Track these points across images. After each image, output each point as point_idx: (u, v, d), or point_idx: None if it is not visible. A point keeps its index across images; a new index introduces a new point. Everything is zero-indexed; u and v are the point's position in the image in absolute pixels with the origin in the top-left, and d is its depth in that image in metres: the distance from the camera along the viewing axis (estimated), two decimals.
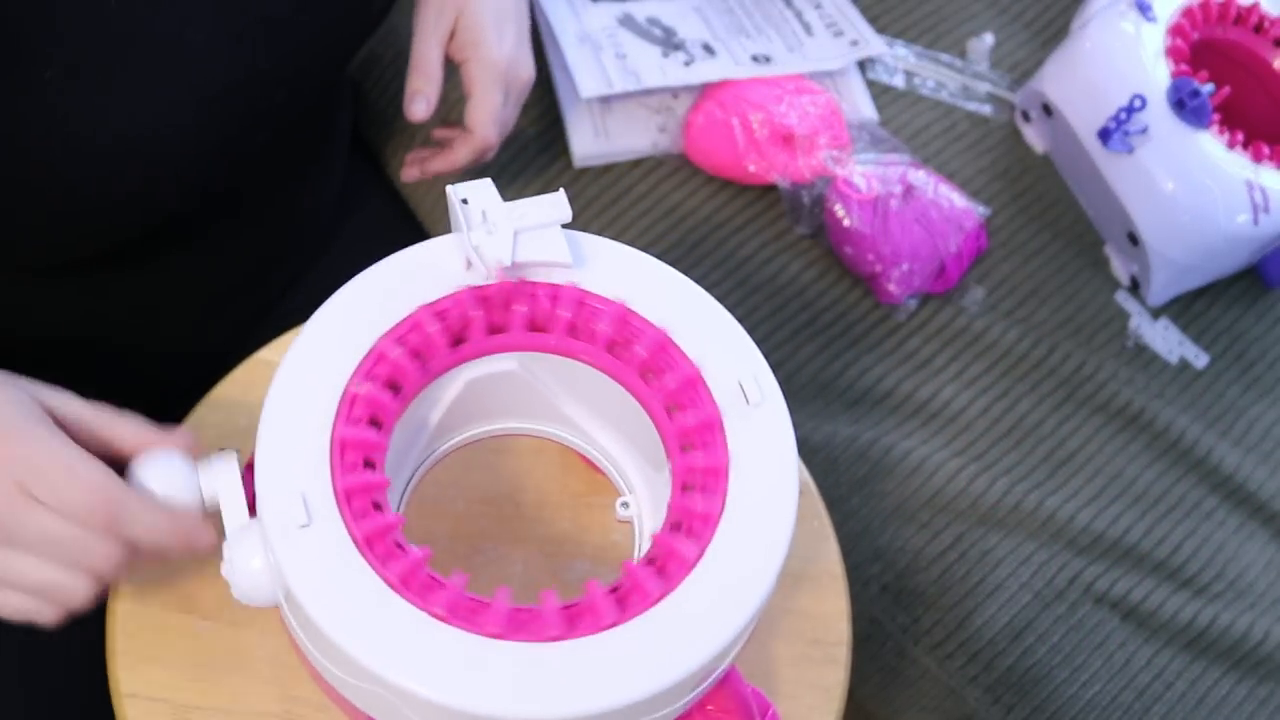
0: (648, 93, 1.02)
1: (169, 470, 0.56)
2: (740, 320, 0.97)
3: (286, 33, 0.70)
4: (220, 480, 0.56)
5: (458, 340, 0.59)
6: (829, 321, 0.98)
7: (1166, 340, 1.02)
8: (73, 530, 0.54)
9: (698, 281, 0.62)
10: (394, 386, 0.56)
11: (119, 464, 0.57)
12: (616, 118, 1.02)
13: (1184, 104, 0.95)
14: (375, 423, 0.55)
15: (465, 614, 0.50)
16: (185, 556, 0.57)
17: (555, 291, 0.59)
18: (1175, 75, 0.97)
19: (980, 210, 1.00)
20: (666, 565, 0.53)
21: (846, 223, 0.96)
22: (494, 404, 0.64)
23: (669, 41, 1.04)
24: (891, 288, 0.96)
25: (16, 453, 0.53)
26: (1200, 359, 1.02)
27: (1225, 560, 0.94)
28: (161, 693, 0.61)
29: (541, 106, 1.03)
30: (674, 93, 1.03)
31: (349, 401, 0.54)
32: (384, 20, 0.80)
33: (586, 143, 1.01)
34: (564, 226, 0.59)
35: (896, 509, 0.90)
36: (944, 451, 0.93)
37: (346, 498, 0.52)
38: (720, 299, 0.97)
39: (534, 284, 0.59)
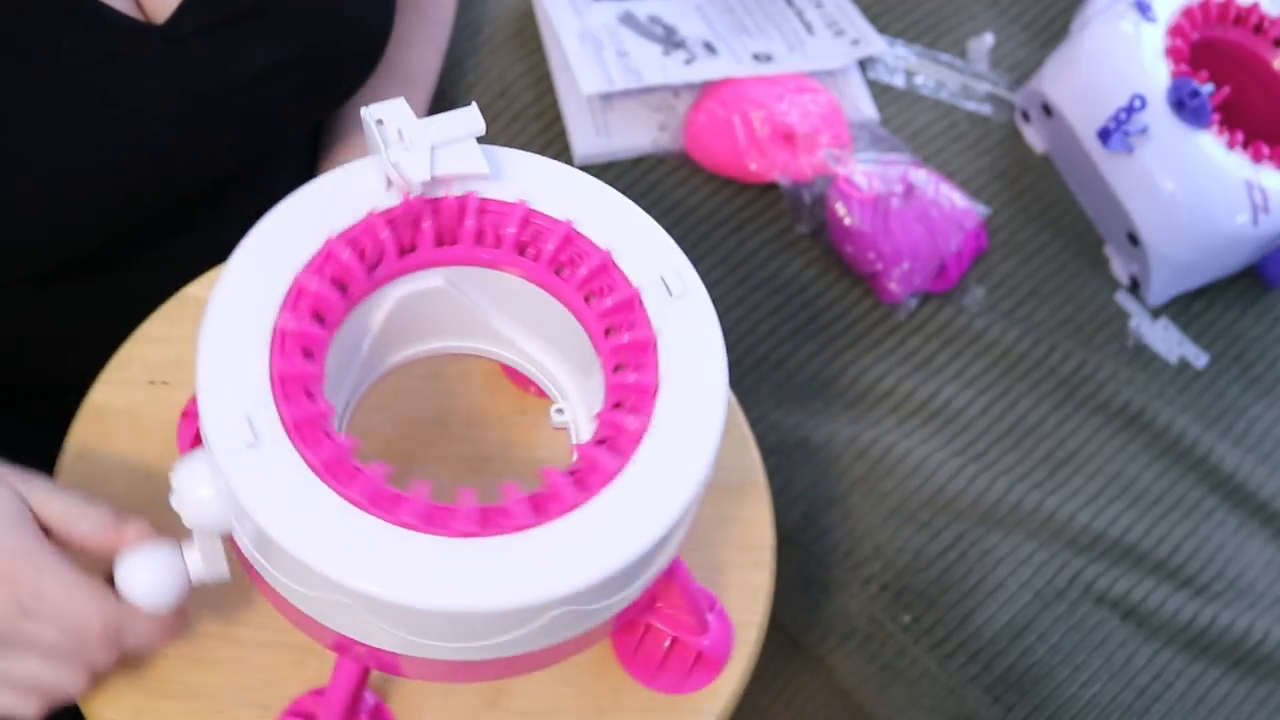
0: (649, 91, 1.02)
1: (155, 570, 0.57)
2: (741, 319, 0.98)
3: (248, 99, 0.70)
4: (208, 559, 0.57)
5: (374, 265, 0.59)
6: (829, 321, 0.98)
7: (1166, 340, 1.02)
8: (71, 641, 0.55)
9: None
10: (319, 316, 0.57)
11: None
12: (617, 116, 1.02)
13: (1184, 104, 0.95)
14: (308, 353, 0.55)
15: (385, 503, 0.51)
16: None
17: (463, 204, 0.59)
18: (1175, 75, 0.97)
19: (980, 210, 1.00)
20: (587, 477, 0.53)
21: (847, 222, 0.96)
22: (424, 324, 0.64)
23: (670, 40, 1.04)
24: (892, 287, 0.96)
25: (17, 570, 0.54)
26: (1200, 359, 1.02)
27: (1225, 560, 0.95)
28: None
29: (542, 104, 1.03)
30: (675, 91, 1.03)
31: (290, 305, 0.55)
32: (353, 95, 0.80)
33: (587, 141, 1.01)
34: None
35: (896, 509, 0.90)
36: (944, 451, 0.93)
37: (296, 428, 0.52)
38: (721, 297, 0.99)
39: (440, 199, 0.59)
